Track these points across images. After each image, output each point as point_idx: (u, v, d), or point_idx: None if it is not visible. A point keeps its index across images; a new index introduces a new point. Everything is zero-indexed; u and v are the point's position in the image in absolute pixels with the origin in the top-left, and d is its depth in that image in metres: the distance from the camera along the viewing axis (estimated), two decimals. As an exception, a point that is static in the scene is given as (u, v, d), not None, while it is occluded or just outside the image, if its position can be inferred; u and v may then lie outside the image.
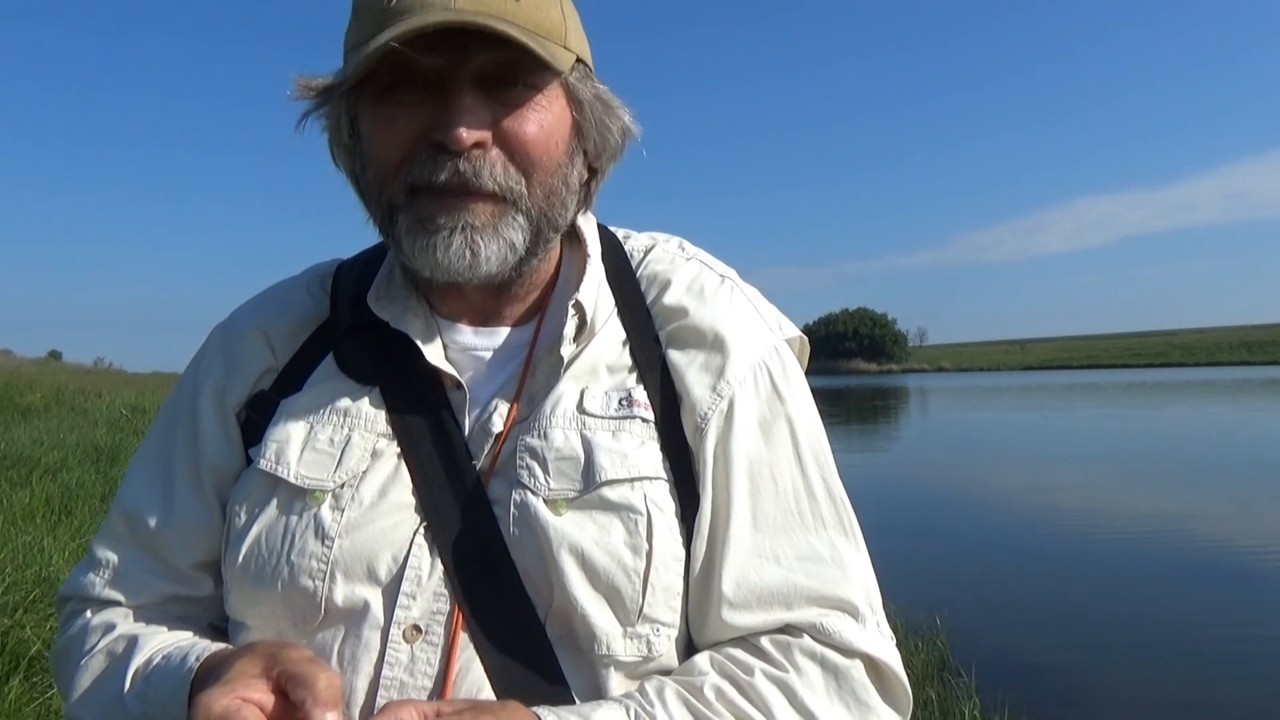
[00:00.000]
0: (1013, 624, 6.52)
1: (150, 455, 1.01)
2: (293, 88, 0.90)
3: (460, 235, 0.85)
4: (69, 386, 18.15)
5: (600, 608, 0.85)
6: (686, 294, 0.98)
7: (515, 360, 0.96)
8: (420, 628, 0.85)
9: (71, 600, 1.00)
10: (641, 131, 0.97)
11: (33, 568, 4.71)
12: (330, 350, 0.98)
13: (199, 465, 0.97)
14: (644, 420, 0.91)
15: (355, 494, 0.89)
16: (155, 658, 0.88)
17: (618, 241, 1.05)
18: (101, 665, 0.90)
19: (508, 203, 0.87)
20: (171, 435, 1.00)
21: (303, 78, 0.90)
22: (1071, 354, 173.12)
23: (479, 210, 0.86)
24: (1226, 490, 12.19)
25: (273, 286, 1.08)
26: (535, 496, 0.87)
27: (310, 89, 0.90)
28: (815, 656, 0.87)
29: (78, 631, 0.95)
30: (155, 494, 0.98)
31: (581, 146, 0.93)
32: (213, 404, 0.99)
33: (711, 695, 0.82)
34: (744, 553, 0.88)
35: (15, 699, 3.36)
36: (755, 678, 0.84)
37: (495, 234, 0.86)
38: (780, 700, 0.83)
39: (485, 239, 0.86)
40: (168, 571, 0.96)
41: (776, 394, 0.95)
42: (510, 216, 0.87)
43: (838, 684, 0.86)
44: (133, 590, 0.96)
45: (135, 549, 0.97)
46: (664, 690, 0.83)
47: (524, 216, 0.88)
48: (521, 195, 0.87)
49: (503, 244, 0.87)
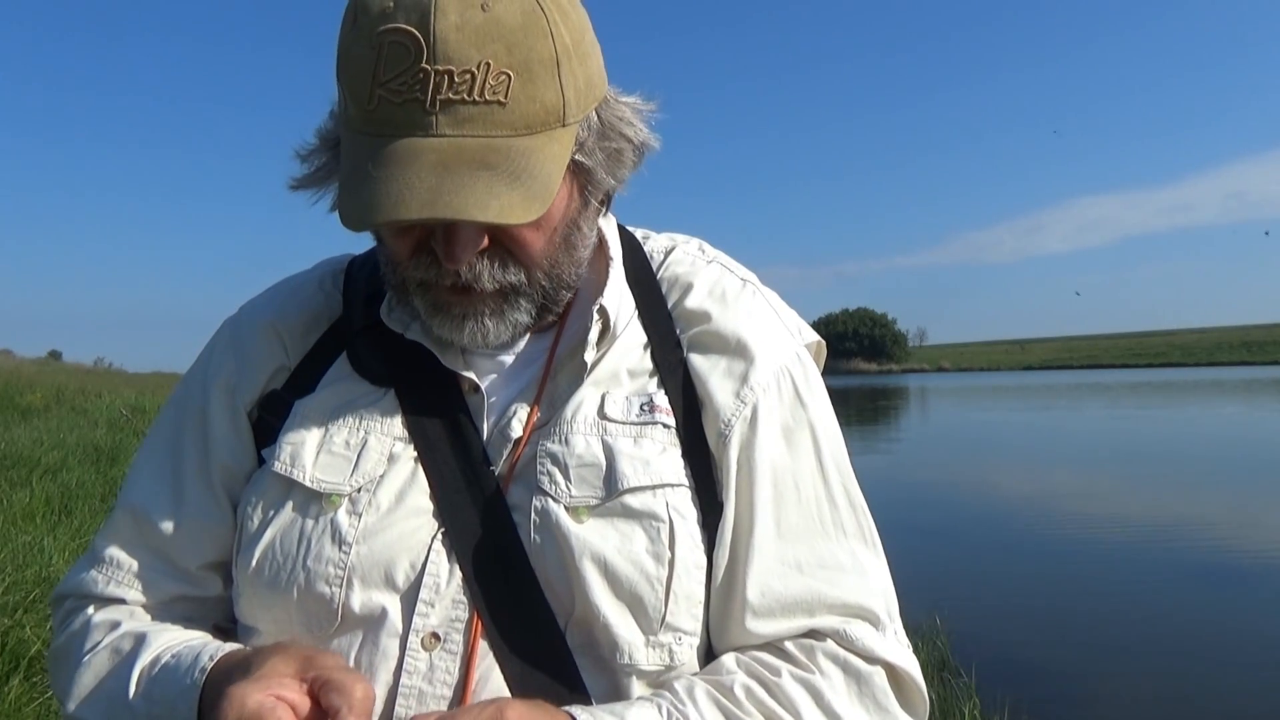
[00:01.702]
0: (1013, 624, 6.53)
1: (158, 452, 0.99)
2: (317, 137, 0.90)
3: (472, 320, 0.88)
4: (69, 386, 18.14)
5: (623, 617, 0.84)
6: (708, 298, 0.97)
7: (535, 364, 0.95)
8: (439, 635, 0.84)
9: (70, 598, 0.97)
10: (660, 141, 0.93)
11: (33, 568, 4.71)
12: (343, 349, 0.97)
13: (209, 464, 0.95)
14: (665, 426, 0.90)
15: (372, 498, 0.87)
16: (164, 656, 0.86)
17: (637, 243, 1.04)
18: (105, 663, 0.88)
19: (510, 293, 0.88)
20: (180, 432, 0.98)
21: (323, 138, 0.89)
22: (1071, 354, 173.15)
23: (485, 301, 0.88)
24: (1227, 491, 12.19)
25: (283, 281, 1.07)
26: (556, 503, 0.86)
27: (306, 178, 0.90)
28: (839, 661, 0.87)
29: (80, 628, 0.93)
30: (163, 492, 0.96)
31: (591, 197, 0.91)
32: (224, 401, 0.97)
33: (741, 694, 0.82)
34: (768, 560, 0.88)
35: (15, 699, 3.36)
36: (783, 679, 0.84)
37: (502, 318, 0.89)
38: (808, 701, 0.83)
39: (494, 322, 0.89)
40: (174, 571, 0.94)
41: (799, 401, 0.95)
42: (514, 302, 0.89)
43: (859, 689, 0.86)
44: (138, 588, 0.94)
45: (141, 547, 0.95)
46: (694, 689, 0.82)
47: (527, 300, 0.90)
48: (522, 285, 0.88)
49: (510, 325, 0.90)
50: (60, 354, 47.83)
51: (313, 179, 0.90)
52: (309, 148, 0.90)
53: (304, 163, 0.90)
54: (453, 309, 0.88)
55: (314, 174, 0.90)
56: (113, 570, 0.94)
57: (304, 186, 0.90)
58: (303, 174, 0.90)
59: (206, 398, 0.98)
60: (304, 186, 0.90)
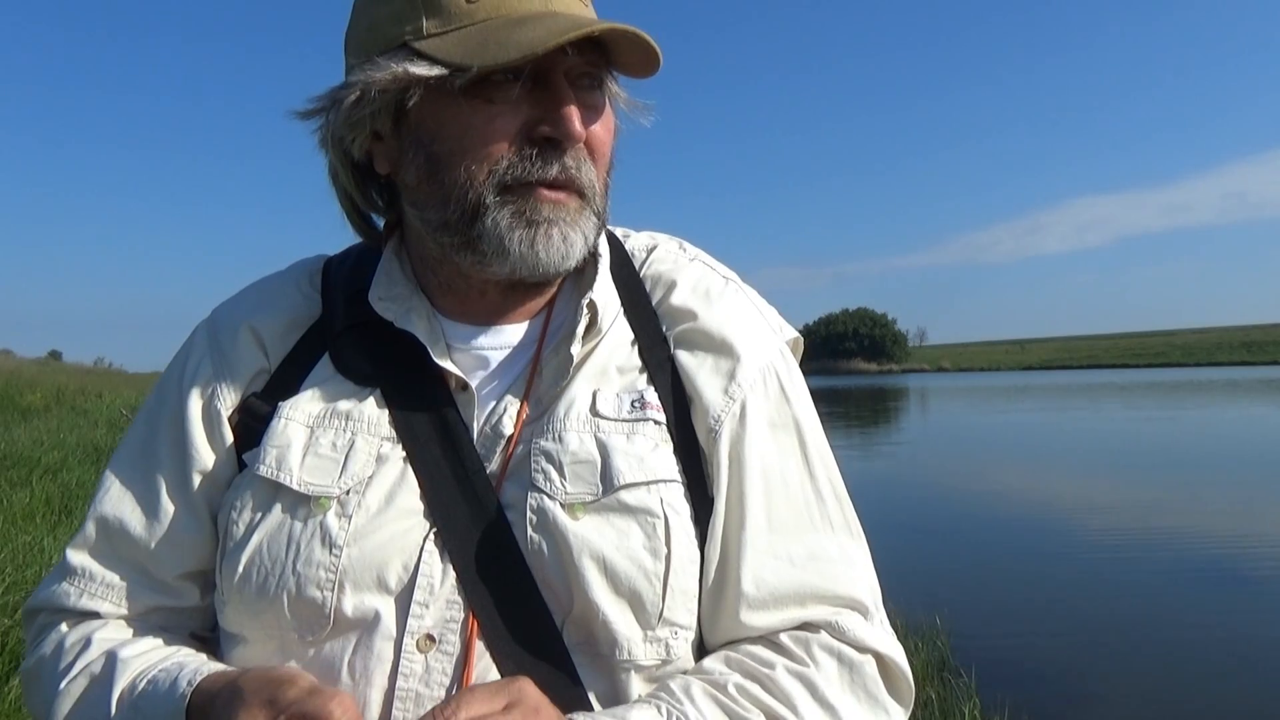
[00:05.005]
0: (1013, 624, 6.53)
1: (131, 460, 0.96)
2: (370, 66, 0.86)
3: (557, 228, 0.88)
4: (69, 386, 18.15)
5: (622, 613, 0.84)
6: (693, 295, 0.98)
7: (521, 360, 0.94)
8: (434, 637, 0.83)
9: (43, 612, 0.95)
10: (622, 130, 0.98)
11: (33, 568, 4.72)
12: (326, 350, 0.96)
13: (187, 471, 0.93)
14: (656, 422, 0.91)
15: (362, 500, 0.86)
16: (140, 682, 0.84)
17: (618, 240, 1.05)
18: (82, 689, 0.86)
19: (587, 199, 0.90)
20: (154, 439, 0.96)
21: (383, 62, 0.86)
22: (1071, 354, 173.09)
23: (571, 205, 0.89)
24: (1227, 491, 12.19)
25: (258, 282, 1.05)
26: (552, 501, 0.85)
27: (399, 76, 0.85)
28: (832, 652, 0.88)
29: (52, 649, 0.90)
30: (139, 501, 0.93)
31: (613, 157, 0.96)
32: (202, 406, 0.95)
33: (735, 691, 0.83)
34: (760, 554, 0.88)
35: (15, 699, 3.36)
36: (777, 672, 0.84)
37: (579, 229, 0.89)
38: (803, 694, 0.84)
39: (575, 232, 0.89)
40: (150, 582, 0.92)
41: (784, 396, 0.96)
42: (588, 213, 0.90)
43: (851, 679, 0.87)
44: (112, 601, 0.91)
45: (114, 558, 0.92)
46: (690, 688, 0.83)
47: (594, 214, 0.91)
48: (596, 194, 0.91)
49: (584, 239, 0.90)
50: (60, 354, 47.93)
51: (400, 76, 0.85)
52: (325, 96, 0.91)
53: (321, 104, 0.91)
54: (544, 212, 0.87)
55: (403, 77, 0.85)
56: (85, 582, 0.92)
57: (380, 84, 0.86)
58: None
59: (183, 403, 0.95)
60: (380, 84, 0.86)
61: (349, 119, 0.89)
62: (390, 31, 0.87)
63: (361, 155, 0.93)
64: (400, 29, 0.87)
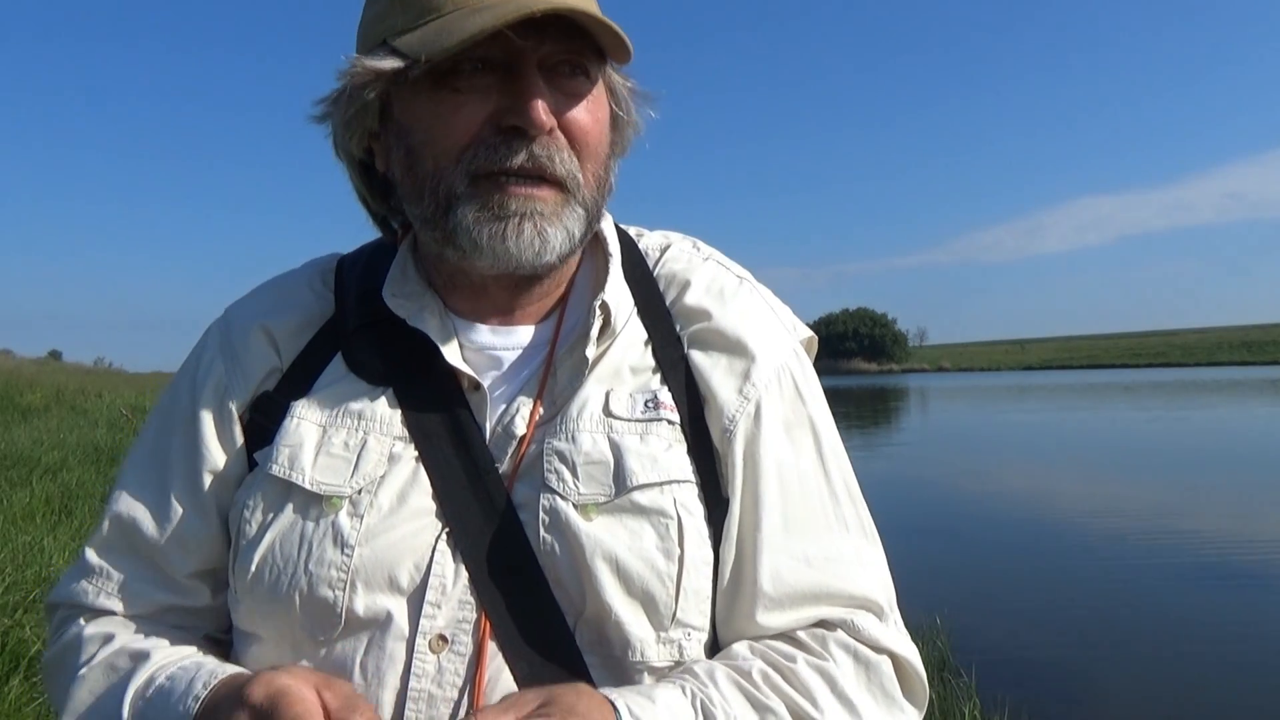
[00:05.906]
0: (1013, 624, 6.52)
1: (145, 459, 0.97)
2: (348, 65, 0.88)
3: (530, 222, 0.85)
4: (69, 386, 18.15)
5: (635, 614, 0.84)
6: (707, 295, 0.97)
7: (535, 360, 0.94)
8: (446, 637, 0.83)
9: (62, 607, 0.96)
10: (643, 126, 0.97)
11: (33, 568, 4.72)
12: (338, 349, 0.95)
13: (199, 470, 0.93)
14: (670, 423, 0.90)
15: (374, 500, 0.86)
16: (157, 677, 0.84)
17: (631, 240, 1.04)
18: (100, 680, 0.87)
19: (569, 191, 0.87)
20: (168, 438, 0.96)
21: (357, 59, 0.87)
22: (1071, 354, 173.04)
23: (546, 198, 0.86)
24: (1227, 491, 12.19)
25: (271, 281, 1.05)
26: (565, 501, 0.85)
27: (365, 71, 0.86)
28: (850, 650, 0.88)
29: (72, 640, 0.91)
30: (151, 500, 0.93)
31: (614, 139, 0.94)
32: (214, 406, 0.95)
33: (759, 678, 0.83)
34: (777, 554, 0.88)
35: (15, 699, 3.36)
36: (798, 665, 0.85)
37: (559, 222, 0.87)
38: (823, 687, 0.84)
39: (552, 227, 0.86)
40: (164, 581, 0.92)
41: (799, 396, 0.95)
42: (572, 206, 0.88)
43: (868, 677, 0.87)
44: (128, 600, 0.92)
45: (130, 557, 0.93)
46: (714, 672, 0.83)
47: (581, 207, 0.89)
48: (579, 184, 0.88)
49: (565, 233, 0.87)
50: (60, 354, 47.95)
51: (373, 70, 0.86)
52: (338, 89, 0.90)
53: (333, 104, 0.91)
54: (511, 206, 0.85)
55: (374, 71, 0.86)
56: (102, 581, 0.93)
57: (361, 78, 0.86)
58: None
59: (196, 403, 0.95)
60: (361, 78, 0.86)
61: (343, 118, 0.91)
62: (375, 31, 0.89)
63: (362, 154, 0.94)
64: (381, 27, 0.88)
